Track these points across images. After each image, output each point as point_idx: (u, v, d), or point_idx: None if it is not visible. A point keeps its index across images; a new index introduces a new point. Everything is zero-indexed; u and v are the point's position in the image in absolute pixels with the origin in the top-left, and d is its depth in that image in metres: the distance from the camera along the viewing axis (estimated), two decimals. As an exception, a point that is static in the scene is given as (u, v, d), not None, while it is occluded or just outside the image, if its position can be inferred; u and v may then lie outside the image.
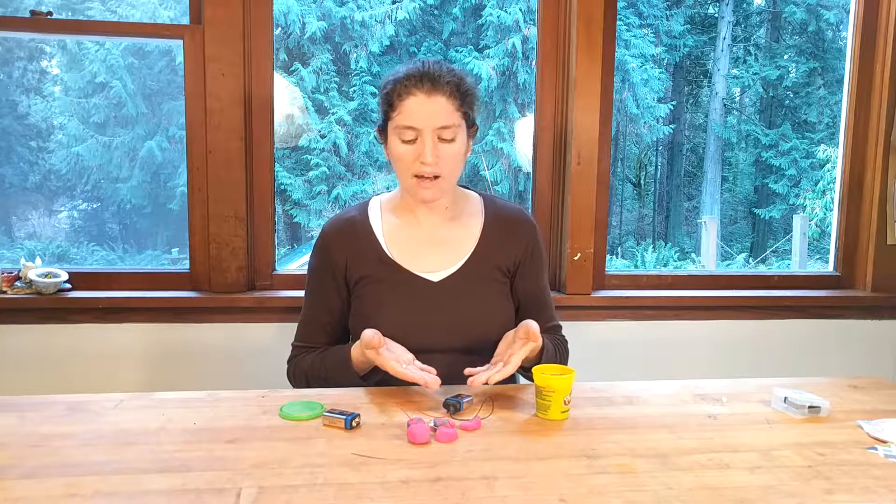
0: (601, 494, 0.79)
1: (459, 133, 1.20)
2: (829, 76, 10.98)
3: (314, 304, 1.32)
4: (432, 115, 1.16)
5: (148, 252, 9.28)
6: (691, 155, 12.48)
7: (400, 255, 1.27)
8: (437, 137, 1.17)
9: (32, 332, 1.70)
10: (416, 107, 1.16)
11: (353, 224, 1.30)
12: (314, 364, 1.27)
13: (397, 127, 1.19)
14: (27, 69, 9.06)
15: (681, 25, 11.05)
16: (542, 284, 1.36)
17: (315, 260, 1.32)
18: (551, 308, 1.37)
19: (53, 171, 9.02)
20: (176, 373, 1.74)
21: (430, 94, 1.16)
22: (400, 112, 1.18)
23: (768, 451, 0.93)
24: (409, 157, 1.19)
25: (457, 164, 1.22)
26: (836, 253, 2.09)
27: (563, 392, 1.02)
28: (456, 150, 1.20)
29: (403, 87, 1.17)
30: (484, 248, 1.28)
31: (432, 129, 1.16)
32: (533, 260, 1.33)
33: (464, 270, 1.26)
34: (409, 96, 1.16)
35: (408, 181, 1.22)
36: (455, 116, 1.19)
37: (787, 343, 1.97)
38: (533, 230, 1.34)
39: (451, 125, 1.18)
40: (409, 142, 1.18)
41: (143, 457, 0.88)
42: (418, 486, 0.80)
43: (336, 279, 1.29)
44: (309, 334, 1.32)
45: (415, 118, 1.16)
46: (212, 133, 1.71)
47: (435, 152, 1.17)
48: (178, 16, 8.19)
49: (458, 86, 1.19)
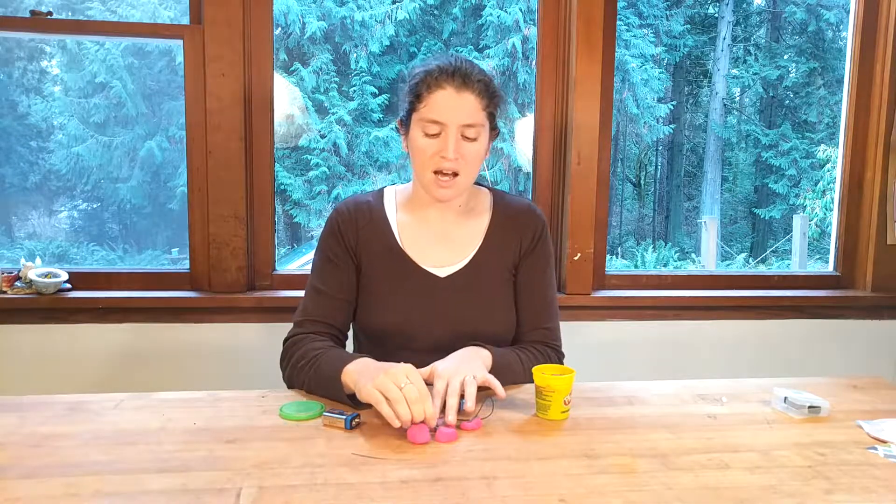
0: (601, 494, 0.79)
1: (482, 133, 1.19)
2: (829, 76, 10.98)
3: (325, 275, 1.25)
4: (459, 111, 1.15)
5: (148, 252, 9.27)
6: (691, 155, 12.48)
7: (410, 247, 1.25)
8: (460, 135, 1.16)
9: (32, 332, 1.70)
10: (445, 101, 1.15)
11: (368, 207, 1.28)
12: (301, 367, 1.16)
13: (422, 119, 1.17)
14: (27, 69, 9.06)
15: (681, 25, 11.05)
16: (543, 282, 1.30)
17: (328, 234, 1.27)
18: (546, 313, 1.29)
19: (53, 171, 9.01)
20: (176, 373, 1.74)
21: (459, 89, 1.15)
22: (427, 104, 1.16)
23: (768, 451, 0.93)
24: (431, 151, 1.17)
25: (476, 165, 1.21)
26: (836, 253, 2.09)
27: (563, 392, 1.02)
28: (477, 149, 1.19)
29: (434, 80, 1.15)
30: (490, 244, 1.27)
31: (458, 125, 1.15)
32: (535, 253, 1.28)
33: (470, 267, 1.25)
34: (439, 89, 1.15)
35: (426, 176, 1.19)
36: (481, 116, 1.18)
37: (787, 343, 1.97)
38: (538, 223, 1.29)
39: (476, 124, 1.17)
40: (433, 136, 1.16)
41: (143, 457, 0.88)
42: (418, 486, 0.80)
43: (349, 254, 1.25)
44: (317, 307, 1.24)
45: (442, 112, 1.15)
46: (212, 133, 1.71)
47: (458, 149, 1.15)
48: (178, 16, 8.19)
49: (488, 85, 1.18)
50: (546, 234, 1.31)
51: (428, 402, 0.95)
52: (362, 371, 1.04)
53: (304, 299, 1.27)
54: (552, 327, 1.30)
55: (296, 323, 1.26)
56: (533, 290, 1.29)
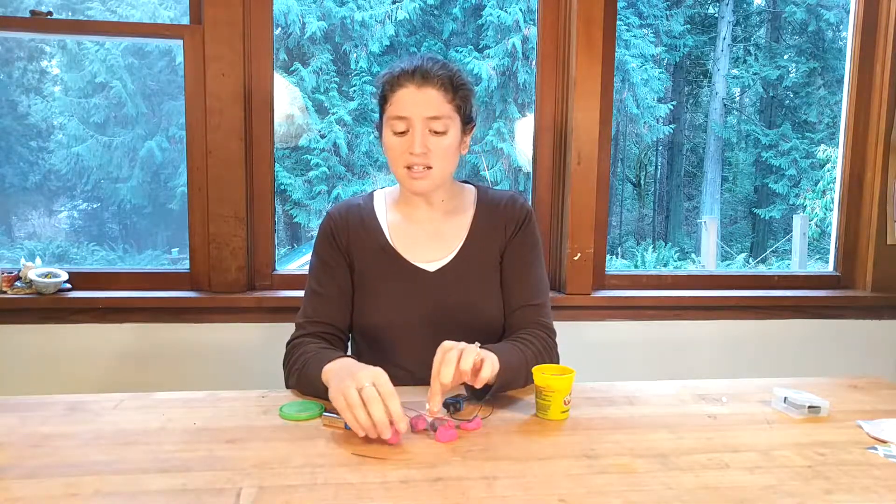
0: (601, 494, 0.79)
1: (452, 126, 1.20)
2: (829, 76, 10.99)
3: (322, 279, 1.28)
4: (422, 105, 1.18)
5: (148, 252, 9.28)
6: (691, 155, 12.49)
7: (400, 246, 1.28)
8: (427, 129, 1.19)
9: (32, 332, 1.70)
10: (407, 97, 1.18)
11: (359, 211, 1.32)
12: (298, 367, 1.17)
13: (389, 118, 1.20)
14: (27, 69, 9.06)
15: (681, 25, 11.05)
16: (529, 261, 1.28)
17: (322, 239, 1.31)
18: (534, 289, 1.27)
19: (53, 171, 9.02)
20: (176, 373, 1.74)
21: (420, 86, 1.18)
22: (392, 104, 1.20)
23: (768, 451, 0.93)
24: (400, 148, 1.20)
25: (448, 158, 1.22)
26: (836, 253, 2.09)
27: (563, 392, 1.02)
28: (447, 143, 1.20)
29: (396, 80, 1.20)
30: (475, 236, 1.29)
31: (422, 118, 1.18)
32: (518, 237, 1.28)
33: (457, 259, 1.27)
34: (401, 88, 1.19)
35: (399, 172, 1.23)
36: (446, 108, 1.19)
37: (787, 343, 1.97)
38: (521, 212, 1.29)
39: (442, 116, 1.19)
40: (401, 133, 1.20)
41: (143, 457, 0.88)
42: (418, 486, 0.80)
43: (343, 257, 1.29)
44: (317, 310, 1.26)
45: (405, 107, 1.18)
46: (212, 133, 1.71)
47: (424, 143, 1.18)
48: (178, 16, 8.19)
49: (451, 79, 1.20)
50: (531, 220, 1.31)
51: (392, 401, 0.90)
52: (337, 372, 1.03)
53: (304, 302, 1.30)
54: (540, 303, 1.28)
55: (297, 325, 1.28)
56: (518, 269, 1.28)
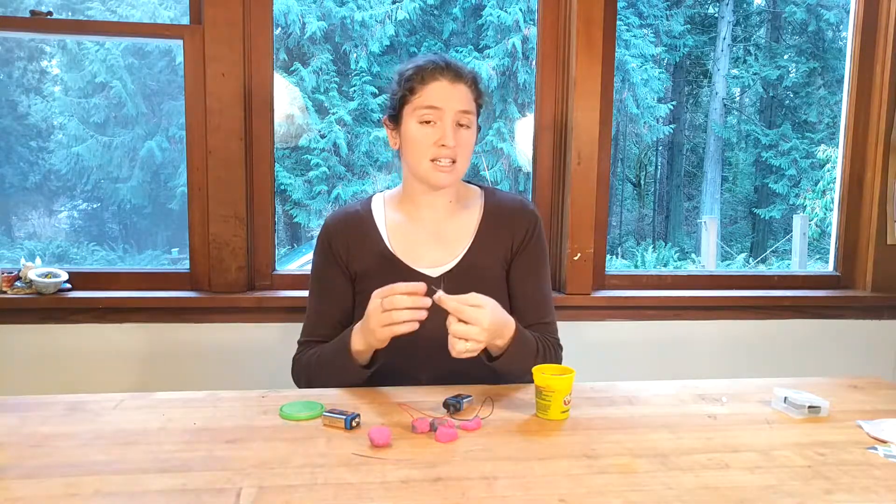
0: (601, 494, 0.79)
1: (474, 123, 1.25)
2: (829, 76, 10.99)
3: (321, 297, 1.30)
4: (455, 99, 1.20)
5: (148, 252, 9.28)
6: (691, 155, 12.49)
7: (401, 250, 1.26)
8: (455, 123, 1.20)
9: (32, 332, 1.70)
10: (440, 90, 1.20)
11: (356, 217, 1.30)
12: (311, 360, 1.24)
13: (417, 108, 1.20)
14: (27, 69, 9.07)
15: (681, 25, 11.06)
16: (539, 277, 1.29)
17: (319, 253, 1.31)
18: (544, 307, 1.30)
19: (53, 171, 9.02)
20: (176, 373, 1.74)
21: (453, 81, 1.21)
22: (421, 94, 1.20)
23: (768, 451, 0.93)
24: (428, 139, 1.20)
25: (470, 154, 1.25)
26: (836, 253, 2.09)
27: (562, 392, 1.02)
28: (471, 137, 1.24)
29: (428, 73, 1.21)
30: (481, 240, 1.27)
31: (454, 111, 1.20)
32: (528, 249, 1.29)
33: (462, 264, 1.25)
34: (434, 80, 1.20)
35: (423, 165, 1.22)
36: (473, 105, 1.24)
37: (787, 343, 1.97)
38: (530, 220, 1.30)
39: (471, 111, 1.23)
40: (428, 123, 1.20)
41: (143, 457, 0.88)
42: (418, 486, 0.80)
43: (341, 270, 1.28)
44: (316, 328, 1.28)
45: (438, 99, 1.19)
46: (212, 133, 1.71)
47: (456, 135, 1.20)
48: (178, 16, 8.19)
49: (476, 80, 1.25)
50: (540, 229, 1.31)
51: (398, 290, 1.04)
52: (358, 328, 1.12)
53: (306, 320, 1.31)
54: (549, 321, 1.30)
55: (300, 343, 1.30)
56: (529, 285, 1.29)
